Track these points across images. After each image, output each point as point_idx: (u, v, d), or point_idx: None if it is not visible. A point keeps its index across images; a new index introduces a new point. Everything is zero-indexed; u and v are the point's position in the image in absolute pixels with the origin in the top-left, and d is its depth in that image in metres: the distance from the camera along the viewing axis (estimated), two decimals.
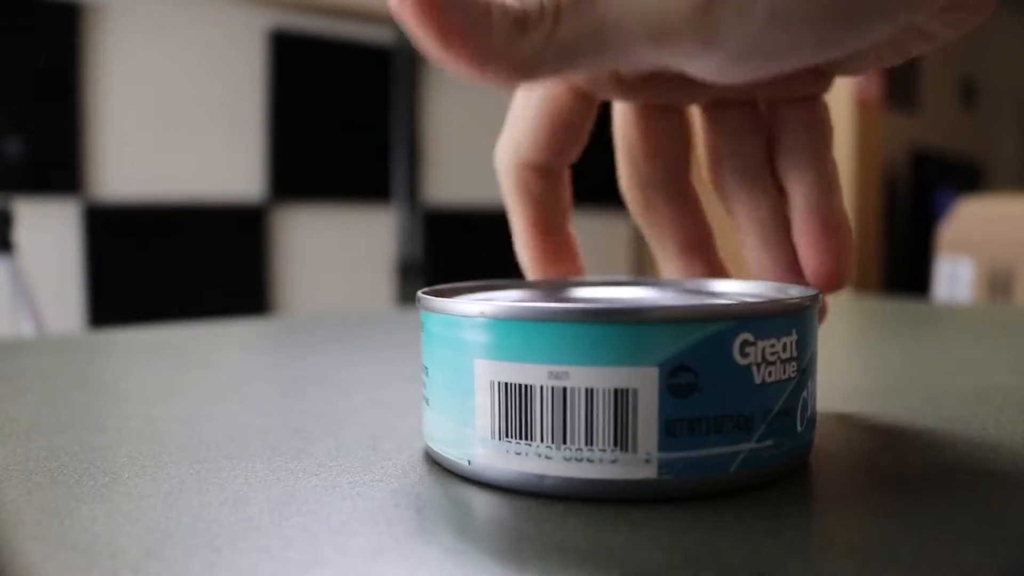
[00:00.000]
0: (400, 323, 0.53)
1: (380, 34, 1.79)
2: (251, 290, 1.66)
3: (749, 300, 0.21)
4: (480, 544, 0.15)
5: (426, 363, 0.21)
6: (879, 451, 0.22)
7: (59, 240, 1.47)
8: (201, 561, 0.15)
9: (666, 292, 0.25)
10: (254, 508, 0.17)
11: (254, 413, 0.27)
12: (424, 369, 0.21)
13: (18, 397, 0.29)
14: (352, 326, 0.51)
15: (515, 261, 2.02)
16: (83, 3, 1.45)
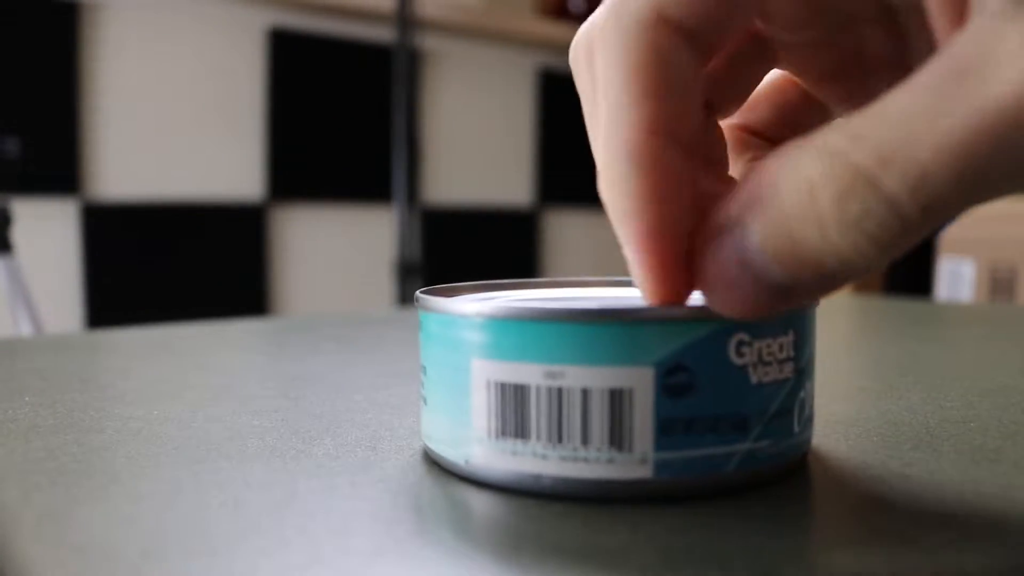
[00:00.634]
0: (400, 323, 0.53)
1: (380, 34, 1.79)
2: (251, 290, 1.66)
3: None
4: (479, 544, 0.16)
5: (424, 363, 0.21)
6: (879, 451, 0.22)
7: (58, 240, 1.47)
8: (200, 562, 0.15)
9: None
10: (253, 509, 0.17)
11: (253, 413, 0.27)
12: (422, 369, 0.21)
13: (17, 397, 0.29)
14: (352, 326, 0.51)
15: (515, 261, 2.02)
16: (82, 3, 1.45)
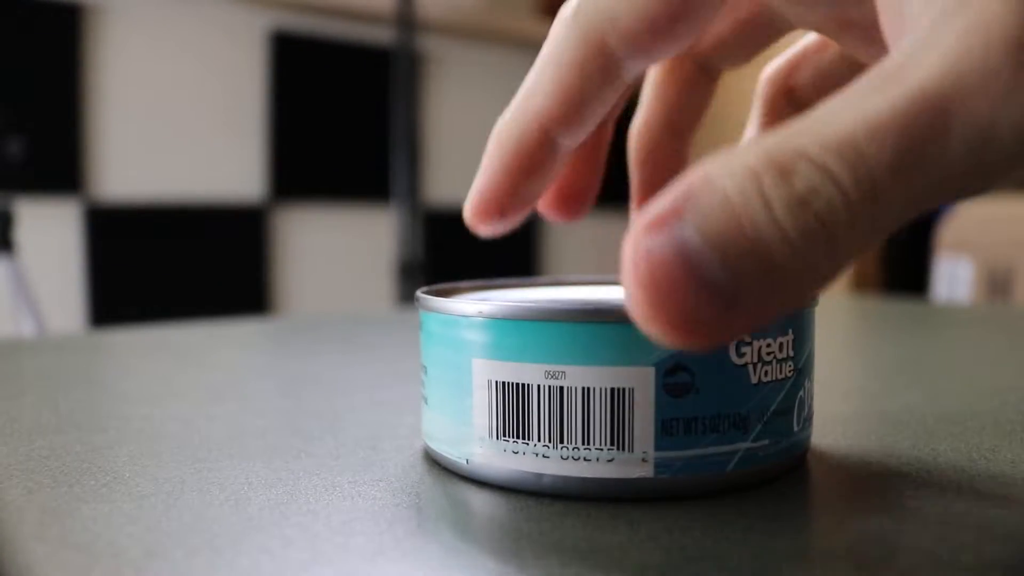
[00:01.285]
0: (400, 323, 0.53)
1: (380, 34, 1.79)
2: (251, 290, 1.66)
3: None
4: (480, 543, 0.16)
5: (425, 362, 0.21)
6: (877, 451, 0.22)
7: (60, 240, 1.47)
8: (202, 561, 0.15)
9: None
10: (255, 508, 0.18)
11: (254, 413, 0.27)
12: (423, 368, 0.21)
13: (19, 397, 0.29)
14: (352, 326, 0.51)
15: (514, 261, 2.02)
16: (83, 3, 1.45)
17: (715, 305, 0.12)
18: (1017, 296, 1.32)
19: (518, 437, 0.18)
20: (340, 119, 1.74)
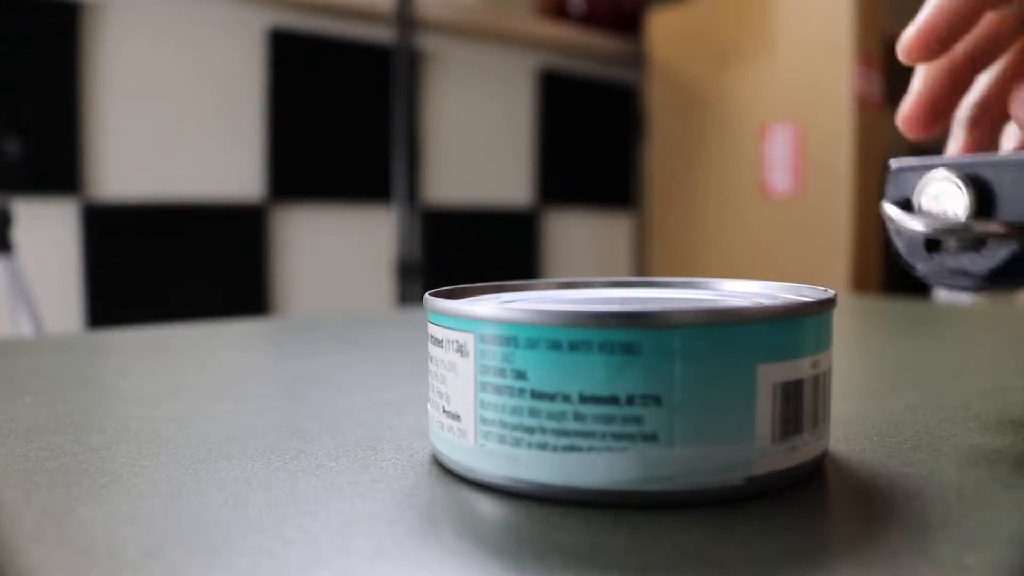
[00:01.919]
0: (400, 323, 0.53)
1: (380, 34, 1.79)
2: (251, 290, 1.66)
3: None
4: (480, 544, 0.15)
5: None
6: (879, 451, 0.22)
7: (58, 240, 1.47)
8: (201, 561, 0.15)
9: (666, 292, 0.25)
10: (254, 508, 0.17)
11: (253, 413, 0.27)
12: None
13: (17, 397, 0.29)
14: (352, 326, 0.51)
15: (515, 261, 2.02)
16: (83, 3, 1.45)
17: None
18: (1019, 297, 1.32)
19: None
20: (340, 118, 1.74)
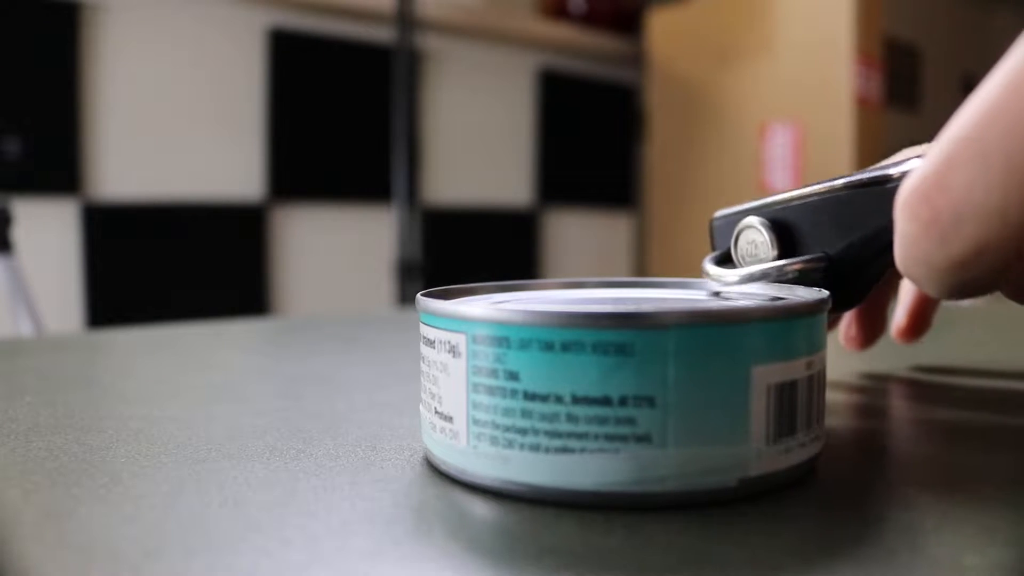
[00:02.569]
0: (400, 323, 0.53)
1: (380, 34, 1.79)
2: (251, 290, 1.66)
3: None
4: (478, 545, 0.15)
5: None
6: (878, 452, 0.22)
7: (58, 240, 1.47)
8: (200, 562, 0.15)
9: (660, 293, 0.25)
10: (253, 509, 0.17)
11: (254, 413, 0.27)
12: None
13: (17, 397, 0.29)
14: (352, 326, 0.51)
15: (515, 261, 2.02)
16: (82, 3, 1.45)
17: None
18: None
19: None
20: (340, 118, 1.74)
